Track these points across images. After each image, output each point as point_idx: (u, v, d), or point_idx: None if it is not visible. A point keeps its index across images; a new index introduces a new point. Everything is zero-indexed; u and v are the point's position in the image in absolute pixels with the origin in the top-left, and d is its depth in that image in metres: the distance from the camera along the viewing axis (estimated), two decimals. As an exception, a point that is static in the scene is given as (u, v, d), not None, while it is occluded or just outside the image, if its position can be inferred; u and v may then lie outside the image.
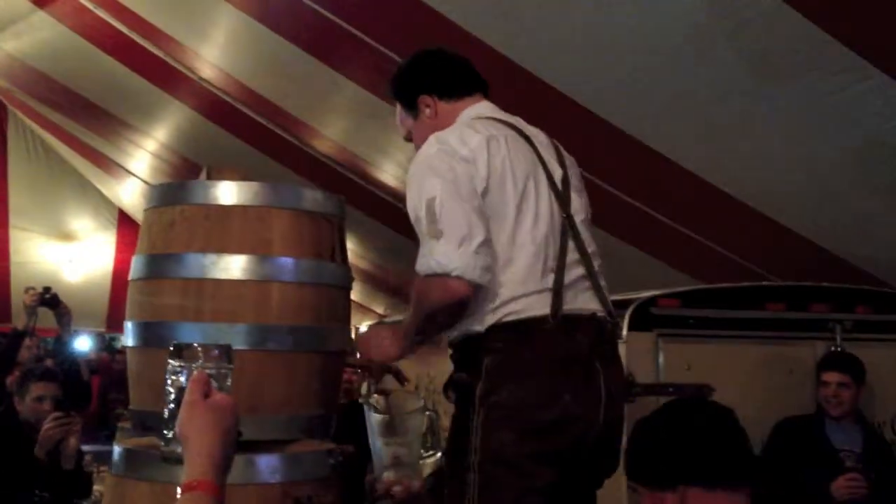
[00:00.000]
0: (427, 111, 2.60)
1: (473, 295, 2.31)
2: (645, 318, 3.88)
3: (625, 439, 2.50)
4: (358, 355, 2.67)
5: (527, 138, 2.54)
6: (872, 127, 3.75)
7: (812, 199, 4.45)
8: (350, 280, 2.43)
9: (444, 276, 2.27)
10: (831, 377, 3.82)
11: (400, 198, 6.61)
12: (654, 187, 4.76)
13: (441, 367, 2.71)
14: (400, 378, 2.96)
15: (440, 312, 2.35)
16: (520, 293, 2.38)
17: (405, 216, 2.47)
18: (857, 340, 4.06)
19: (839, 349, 4.01)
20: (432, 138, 2.47)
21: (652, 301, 3.96)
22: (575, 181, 2.59)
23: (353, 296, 2.65)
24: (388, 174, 6.58)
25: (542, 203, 2.45)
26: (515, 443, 2.34)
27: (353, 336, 2.80)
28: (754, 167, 4.38)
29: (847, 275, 4.59)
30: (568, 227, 2.47)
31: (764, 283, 4.62)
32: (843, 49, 3.32)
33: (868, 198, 4.26)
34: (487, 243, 2.32)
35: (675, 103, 4.12)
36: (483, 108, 2.60)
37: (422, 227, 2.32)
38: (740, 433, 1.86)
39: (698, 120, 4.18)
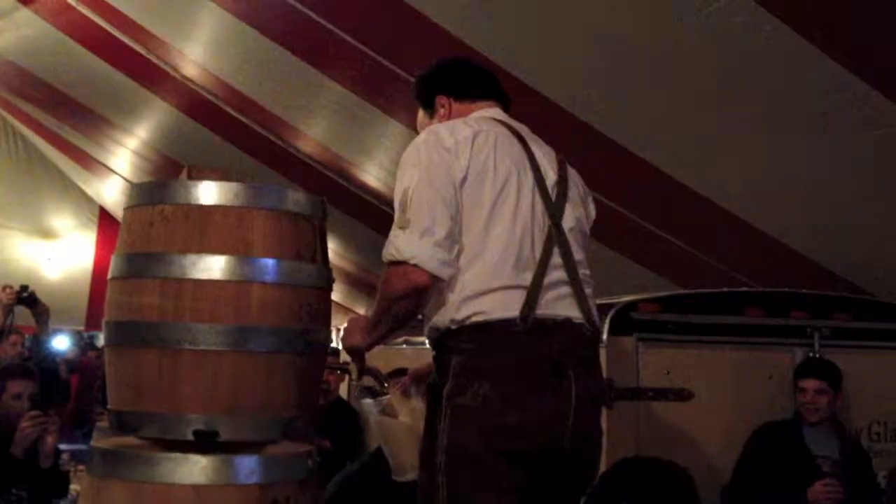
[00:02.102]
0: (442, 111, 2.69)
1: (431, 286, 2.35)
2: (625, 322, 3.90)
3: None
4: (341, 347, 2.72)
5: (521, 140, 2.55)
6: (854, 135, 3.79)
7: (793, 207, 4.48)
8: (331, 281, 2.43)
9: (404, 263, 2.32)
10: (809, 384, 3.84)
11: (382, 199, 6.62)
12: (636, 193, 4.78)
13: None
14: (378, 379, 2.95)
15: (398, 300, 2.38)
16: (488, 287, 2.38)
17: (387, 217, 2.48)
18: (835, 347, 4.08)
19: (817, 356, 4.04)
20: (427, 129, 2.52)
21: (633, 305, 3.97)
22: (574, 193, 2.60)
23: (335, 296, 2.65)
24: (370, 175, 6.58)
25: (524, 202, 2.45)
26: (479, 443, 2.34)
27: (333, 338, 2.81)
28: (736, 174, 4.41)
29: (826, 282, 4.62)
30: (554, 234, 2.47)
31: (744, 289, 4.65)
32: (823, 56, 3.34)
33: (849, 205, 4.30)
34: (451, 237, 2.36)
35: (656, 108, 4.14)
36: (492, 112, 2.66)
37: (396, 216, 2.38)
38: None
39: (681, 125, 4.20)
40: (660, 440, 3.76)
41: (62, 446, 3.95)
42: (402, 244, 2.33)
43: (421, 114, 2.77)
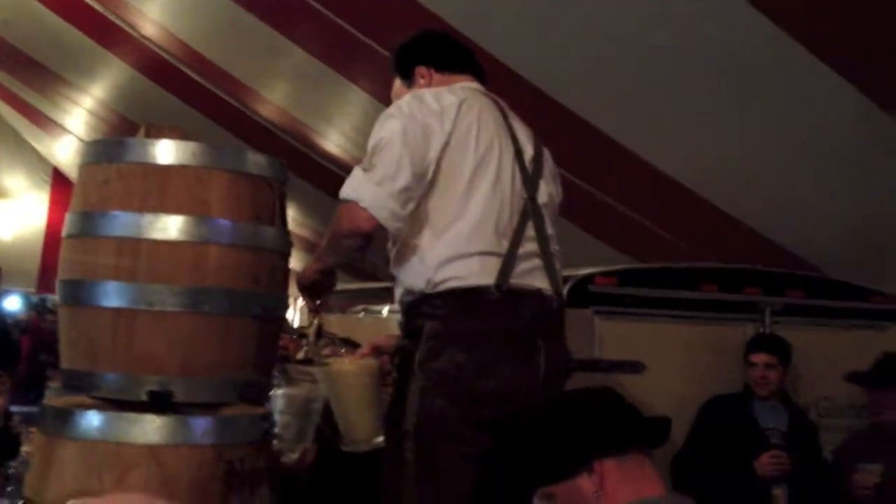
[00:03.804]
0: (422, 81, 2.72)
1: (375, 232, 2.41)
2: (582, 294, 3.93)
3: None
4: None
5: (503, 113, 2.59)
6: (809, 114, 3.83)
7: (750, 184, 4.54)
8: (289, 245, 2.41)
9: (355, 204, 2.38)
10: (759, 358, 3.91)
11: (343, 166, 6.58)
12: (597, 168, 4.80)
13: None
14: (334, 343, 2.94)
15: (343, 237, 2.47)
16: (466, 251, 2.41)
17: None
18: (785, 323, 4.15)
19: (768, 331, 4.10)
20: (411, 93, 2.56)
21: (590, 278, 4.01)
22: (547, 170, 2.65)
23: (293, 264, 2.65)
24: (331, 143, 6.54)
25: (505, 172, 2.50)
26: (451, 409, 2.37)
27: (290, 303, 2.80)
28: (694, 150, 4.45)
29: (779, 259, 4.69)
30: (529, 207, 2.51)
31: (699, 264, 4.71)
32: (782, 36, 3.38)
33: (804, 184, 4.36)
34: (408, 193, 2.40)
35: (620, 86, 4.16)
36: (473, 84, 2.70)
37: (364, 159, 2.44)
38: (627, 401, 1.89)
39: (641, 103, 4.22)
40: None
41: (13, 408, 3.90)
42: (359, 185, 2.39)
43: (398, 83, 2.79)
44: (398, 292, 2.57)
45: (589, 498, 1.74)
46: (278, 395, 2.52)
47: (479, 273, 2.43)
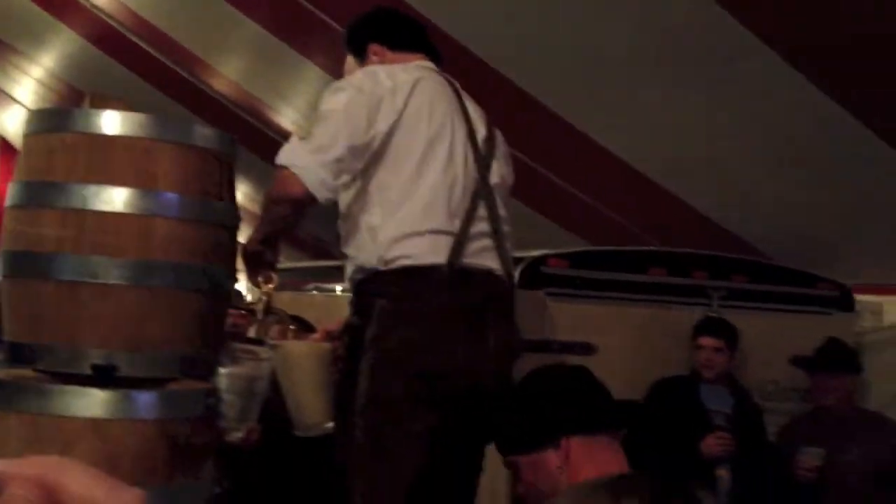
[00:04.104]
0: (374, 58, 2.69)
1: (305, 200, 2.41)
2: (534, 276, 3.94)
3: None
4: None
5: (457, 92, 2.58)
6: (761, 103, 3.88)
7: (701, 171, 4.58)
8: (237, 220, 2.39)
9: (287, 169, 2.40)
10: (706, 341, 3.96)
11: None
12: (549, 149, 4.81)
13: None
14: (283, 320, 2.91)
15: (274, 203, 2.47)
16: (418, 229, 2.41)
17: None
18: (732, 308, 4.20)
19: (715, 315, 4.15)
20: (365, 69, 2.55)
21: (542, 260, 4.02)
22: (500, 151, 2.65)
23: (242, 239, 2.63)
24: (285, 118, 6.48)
25: (457, 152, 2.49)
26: (401, 387, 2.37)
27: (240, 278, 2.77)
28: (646, 135, 4.48)
29: (729, 244, 4.75)
30: (482, 187, 2.51)
31: (649, 248, 4.75)
32: (737, 25, 3.40)
33: (754, 172, 4.41)
34: (341, 164, 2.40)
35: (573, 66, 4.17)
36: (427, 63, 2.68)
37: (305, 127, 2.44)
38: (601, 383, 1.93)
39: (595, 84, 4.24)
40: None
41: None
42: (293, 152, 2.40)
43: (350, 61, 2.76)
44: (349, 270, 2.56)
45: (552, 471, 1.77)
46: (222, 373, 2.49)
47: (430, 251, 2.42)
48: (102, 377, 2.06)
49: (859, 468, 3.77)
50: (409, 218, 2.43)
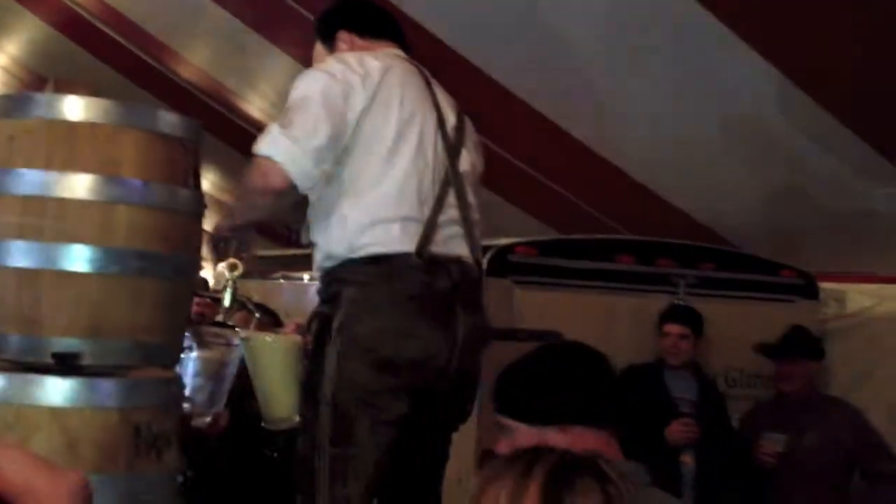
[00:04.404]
0: (343, 46, 2.68)
1: (287, 189, 2.37)
2: (502, 264, 3.95)
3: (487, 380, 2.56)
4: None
5: (426, 80, 2.58)
6: (727, 91, 3.91)
7: (668, 160, 4.61)
8: (203, 207, 2.38)
9: (268, 159, 2.35)
10: (672, 329, 3.99)
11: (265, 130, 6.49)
12: (517, 137, 4.82)
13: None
14: (248, 309, 2.91)
15: (255, 194, 2.44)
16: (387, 216, 2.41)
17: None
18: (698, 295, 4.24)
19: (681, 303, 4.19)
20: (334, 56, 2.57)
21: (510, 248, 4.03)
22: (469, 139, 2.65)
23: (209, 227, 2.61)
24: (254, 107, 6.44)
25: (427, 140, 2.49)
26: (369, 375, 2.37)
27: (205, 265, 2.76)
28: (615, 125, 4.50)
29: (695, 233, 4.79)
30: (451, 174, 2.52)
31: (616, 236, 4.77)
32: (714, 21, 3.42)
33: (720, 160, 4.45)
34: (321, 153, 2.37)
35: (544, 53, 4.17)
36: (397, 51, 2.68)
37: (280, 115, 2.41)
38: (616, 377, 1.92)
39: (566, 73, 4.25)
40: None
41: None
42: (274, 141, 2.36)
43: (319, 48, 2.75)
44: (318, 257, 2.55)
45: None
46: (191, 357, 2.48)
47: (399, 239, 2.42)
48: (64, 366, 2.05)
49: (821, 453, 3.82)
50: (378, 205, 2.43)
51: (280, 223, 2.65)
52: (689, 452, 3.81)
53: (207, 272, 4.88)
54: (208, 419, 2.58)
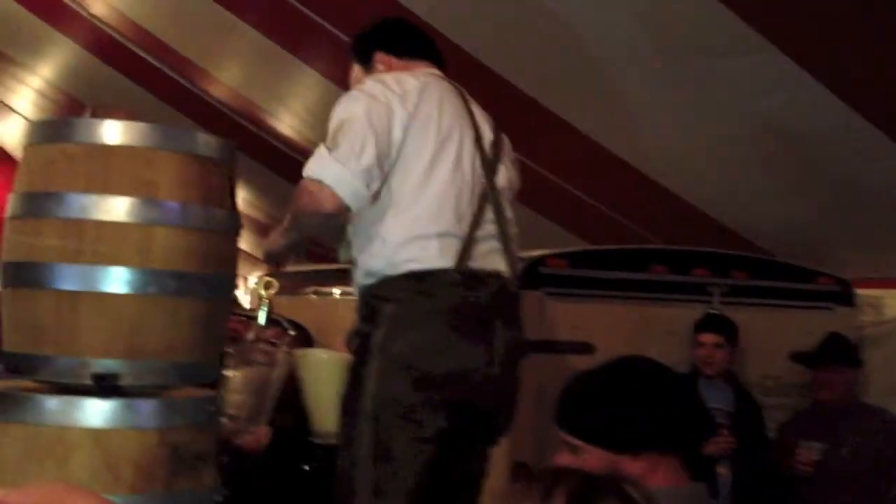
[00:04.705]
0: (381, 67, 2.72)
1: (339, 212, 2.41)
2: (534, 276, 3.95)
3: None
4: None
5: (463, 97, 2.62)
6: (757, 99, 3.88)
7: (699, 167, 4.59)
8: (239, 227, 2.41)
9: (318, 182, 2.38)
10: (707, 338, 3.97)
11: (295, 148, 6.53)
12: (548, 148, 4.82)
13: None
14: (282, 326, 2.94)
15: (305, 216, 2.47)
16: (426, 232, 2.44)
17: (301, 165, 2.50)
18: (732, 304, 4.21)
19: (716, 312, 4.16)
20: (372, 77, 2.61)
21: (541, 260, 4.03)
22: (506, 155, 2.69)
23: (244, 246, 2.64)
24: (284, 124, 6.49)
25: (465, 156, 2.53)
26: (409, 391, 2.39)
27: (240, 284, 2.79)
28: (646, 133, 4.49)
29: (727, 241, 4.76)
30: (489, 190, 2.55)
31: (648, 246, 4.75)
32: (741, 23, 3.40)
33: (754, 169, 4.42)
34: (371, 172, 2.41)
35: (572, 65, 4.17)
36: (434, 70, 2.72)
37: (328, 138, 2.44)
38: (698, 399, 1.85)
39: (595, 83, 4.24)
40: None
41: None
42: (323, 164, 2.39)
43: (357, 69, 2.80)
44: (358, 274, 2.57)
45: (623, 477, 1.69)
46: (235, 375, 2.50)
47: (438, 255, 2.45)
48: (103, 387, 2.07)
49: (858, 462, 3.78)
50: (417, 221, 2.46)
51: (322, 241, 2.67)
52: (725, 464, 3.78)
53: (241, 290, 4.92)
54: (250, 436, 2.60)
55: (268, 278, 2.61)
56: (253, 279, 6.28)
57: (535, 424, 3.21)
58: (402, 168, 2.47)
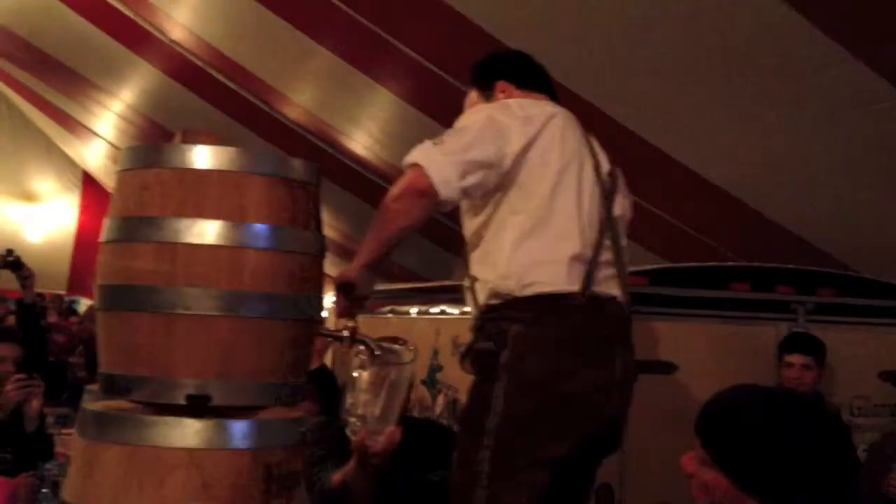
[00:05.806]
0: (501, 95, 2.78)
1: (427, 195, 2.41)
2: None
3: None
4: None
5: (582, 129, 2.67)
6: (843, 112, 3.80)
7: (780, 183, 4.50)
8: (324, 248, 2.43)
9: (415, 166, 2.42)
10: (795, 359, 3.88)
11: (370, 168, 6.59)
12: (627, 167, 4.78)
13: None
14: (369, 346, 2.92)
15: (394, 201, 2.45)
16: (554, 257, 2.46)
17: (376, 185, 2.53)
18: (818, 322, 4.12)
19: (802, 331, 4.07)
20: (499, 101, 2.70)
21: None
22: (620, 186, 2.71)
23: (325, 266, 2.65)
24: (359, 145, 6.55)
25: (586, 183, 2.58)
26: (536, 412, 2.41)
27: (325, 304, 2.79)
28: (726, 149, 4.43)
29: (811, 257, 4.66)
30: (606, 217, 2.56)
31: (730, 263, 4.67)
32: (825, 38, 3.35)
33: (836, 183, 4.32)
34: (467, 171, 2.43)
35: (652, 83, 4.14)
36: (551, 103, 2.77)
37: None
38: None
39: (674, 100, 4.20)
40: (646, 412, 3.79)
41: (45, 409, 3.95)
42: (422, 149, 2.44)
43: (474, 95, 2.85)
44: (481, 294, 2.58)
45: None
46: (363, 373, 2.48)
47: (566, 279, 2.48)
48: (197, 407, 2.10)
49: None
50: (544, 244, 2.49)
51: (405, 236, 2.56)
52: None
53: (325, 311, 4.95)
54: (381, 437, 2.58)
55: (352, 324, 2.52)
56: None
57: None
58: (524, 189, 2.52)
